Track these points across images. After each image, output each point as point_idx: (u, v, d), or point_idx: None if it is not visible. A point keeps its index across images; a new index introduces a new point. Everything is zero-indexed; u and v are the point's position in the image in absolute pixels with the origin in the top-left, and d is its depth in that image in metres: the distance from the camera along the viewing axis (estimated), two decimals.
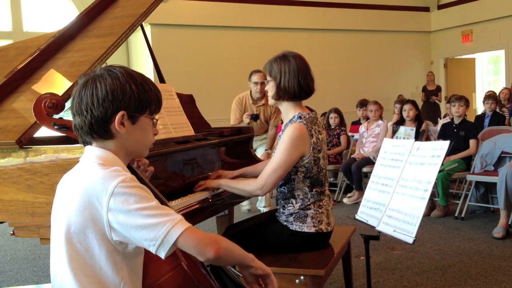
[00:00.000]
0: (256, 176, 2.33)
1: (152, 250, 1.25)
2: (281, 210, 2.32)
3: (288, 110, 2.32)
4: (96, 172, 1.29)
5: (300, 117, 2.25)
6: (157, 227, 1.23)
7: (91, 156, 1.35)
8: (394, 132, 5.42)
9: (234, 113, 5.03)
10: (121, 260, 1.31)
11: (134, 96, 1.35)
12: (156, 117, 1.46)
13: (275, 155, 2.22)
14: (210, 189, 2.38)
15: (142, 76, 1.40)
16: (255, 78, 4.98)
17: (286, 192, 2.29)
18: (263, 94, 4.92)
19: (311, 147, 2.21)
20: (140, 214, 1.23)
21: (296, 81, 2.24)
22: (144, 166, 1.60)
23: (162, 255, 1.25)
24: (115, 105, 1.33)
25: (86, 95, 1.33)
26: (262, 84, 4.77)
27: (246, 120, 4.58)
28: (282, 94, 2.27)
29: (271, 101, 2.36)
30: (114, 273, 1.30)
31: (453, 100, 5.17)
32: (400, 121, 5.57)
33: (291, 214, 2.27)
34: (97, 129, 1.35)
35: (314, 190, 2.27)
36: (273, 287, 1.45)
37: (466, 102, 5.07)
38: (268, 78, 2.31)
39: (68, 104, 1.94)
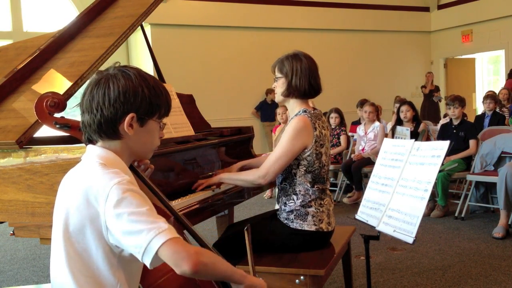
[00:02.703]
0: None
1: (139, 257, 1.22)
2: (282, 207, 2.33)
3: (294, 107, 2.36)
4: (96, 172, 1.29)
5: (305, 111, 2.30)
6: (141, 234, 1.20)
7: (93, 156, 1.36)
8: (393, 133, 5.42)
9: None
10: (117, 262, 1.31)
11: (146, 99, 1.35)
12: (164, 121, 1.46)
13: (279, 145, 2.25)
14: (213, 186, 2.40)
15: (154, 79, 1.40)
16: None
17: (287, 188, 2.31)
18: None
19: (313, 140, 2.24)
20: (127, 218, 1.21)
21: (307, 80, 2.29)
22: (145, 166, 1.61)
23: (147, 263, 1.21)
24: (126, 106, 1.33)
25: (98, 94, 1.33)
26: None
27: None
28: (292, 91, 2.31)
29: (279, 98, 2.39)
30: (111, 273, 1.30)
31: (448, 103, 5.16)
32: (398, 122, 5.57)
33: (292, 211, 2.28)
34: (105, 129, 1.34)
35: (315, 186, 2.28)
36: None
37: (460, 102, 5.05)
38: (279, 75, 2.34)
39: (69, 103, 1.94)
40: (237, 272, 1.34)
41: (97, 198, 1.25)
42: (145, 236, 1.20)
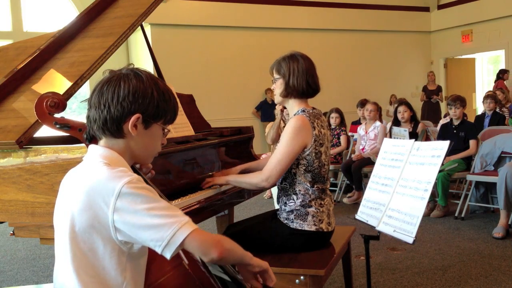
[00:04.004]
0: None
1: (158, 250, 1.25)
2: (283, 207, 2.33)
3: (293, 107, 2.37)
4: (102, 171, 1.28)
5: (303, 111, 2.30)
6: (163, 228, 1.23)
7: (96, 155, 1.36)
8: (391, 134, 5.41)
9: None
10: (126, 260, 1.31)
11: (154, 102, 1.36)
12: (168, 127, 1.47)
13: (279, 147, 2.26)
14: (217, 185, 2.42)
15: (165, 85, 1.42)
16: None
17: (287, 188, 2.31)
18: None
19: (313, 139, 2.24)
20: (147, 214, 1.23)
21: (305, 80, 2.30)
22: (147, 169, 1.61)
23: (168, 256, 1.25)
24: (134, 106, 1.34)
25: (108, 91, 1.35)
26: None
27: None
28: (290, 91, 2.32)
29: (278, 99, 2.40)
30: (118, 272, 1.30)
31: (449, 103, 5.15)
32: (395, 122, 5.56)
33: (292, 211, 2.28)
34: (110, 126, 1.35)
35: (315, 186, 2.29)
36: (271, 281, 1.47)
37: (461, 102, 5.05)
38: (276, 76, 2.36)
39: (69, 103, 1.94)
40: (246, 254, 1.41)
41: (104, 197, 1.24)
42: (168, 229, 1.23)
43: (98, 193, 1.25)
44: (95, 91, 1.37)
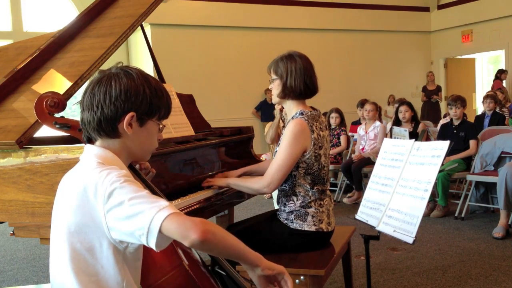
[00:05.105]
0: (261, 174, 2.35)
1: (144, 241, 1.20)
2: (282, 208, 2.33)
3: (291, 108, 2.35)
4: (94, 171, 1.28)
5: (301, 114, 2.28)
6: (143, 214, 1.19)
7: (91, 155, 1.36)
8: (391, 134, 5.41)
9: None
10: (122, 259, 1.31)
11: (146, 100, 1.36)
12: (164, 123, 1.46)
13: (279, 152, 2.24)
14: (214, 186, 2.42)
15: (156, 80, 1.41)
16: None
17: (287, 190, 2.30)
18: None
19: (312, 142, 2.23)
20: (129, 203, 1.21)
21: (302, 80, 2.27)
22: (147, 170, 1.61)
23: (153, 245, 1.19)
24: (127, 105, 1.33)
25: (99, 91, 1.34)
26: None
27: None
28: (288, 92, 2.30)
29: (275, 99, 2.38)
30: (117, 271, 1.29)
31: (450, 103, 5.14)
32: (396, 122, 5.56)
33: (291, 212, 2.28)
34: (104, 127, 1.35)
35: (315, 187, 2.28)
36: (289, 287, 1.36)
37: (462, 102, 5.05)
38: (274, 76, 2.34)
39: (68, 104, 1.94)
40: (253, 252, 1.31)
41: (96, 196, 1.24)
42: (147, 214, 1.18)
43: (90, 193, 1.25)
44: (87, 92, 1.36)
